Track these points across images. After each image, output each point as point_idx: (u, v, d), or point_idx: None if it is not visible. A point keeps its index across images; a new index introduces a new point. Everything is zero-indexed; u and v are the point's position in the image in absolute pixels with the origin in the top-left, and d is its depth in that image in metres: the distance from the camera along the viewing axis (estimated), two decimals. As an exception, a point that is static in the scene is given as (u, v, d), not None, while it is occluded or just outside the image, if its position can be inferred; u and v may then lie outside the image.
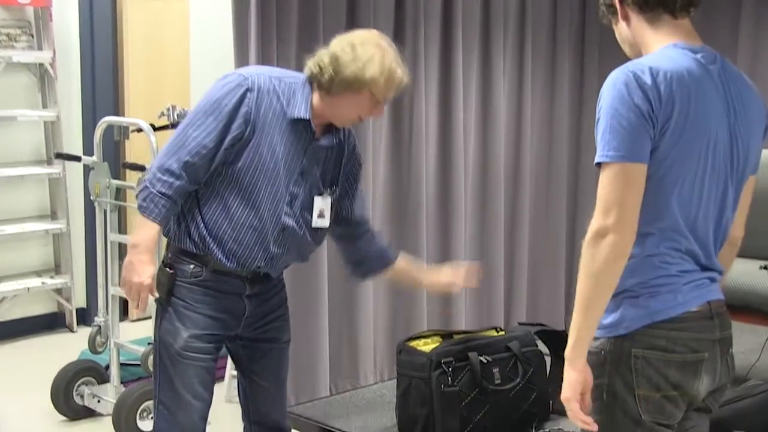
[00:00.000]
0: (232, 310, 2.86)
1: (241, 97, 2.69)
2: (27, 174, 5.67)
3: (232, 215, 2.75)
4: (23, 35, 5.63)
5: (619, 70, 2.14)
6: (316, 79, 2.75)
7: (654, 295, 2.18)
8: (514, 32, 5.31)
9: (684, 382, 2.19)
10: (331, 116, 2.80)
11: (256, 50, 4.07)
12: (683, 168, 2.15)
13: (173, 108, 4.29)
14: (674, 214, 2.16)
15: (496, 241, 5.31)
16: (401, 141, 4.79)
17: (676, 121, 2.11)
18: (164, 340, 2.82)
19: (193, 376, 2.82)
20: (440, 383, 3.77)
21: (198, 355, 2.82)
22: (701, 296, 2.21)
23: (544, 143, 5.59)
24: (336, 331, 4.61)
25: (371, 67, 2.69)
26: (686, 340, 2.17)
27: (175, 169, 2.67)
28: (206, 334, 2.82)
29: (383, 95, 2.76)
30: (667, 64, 2.14)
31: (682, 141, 2.13)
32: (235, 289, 2.84)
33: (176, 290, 2.80)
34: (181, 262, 2.80)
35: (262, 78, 2.74)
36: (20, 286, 5.62)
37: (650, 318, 2.17)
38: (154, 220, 2.70)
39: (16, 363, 5.31)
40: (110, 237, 4.28)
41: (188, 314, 2.79)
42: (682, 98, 2.12)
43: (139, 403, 4.03)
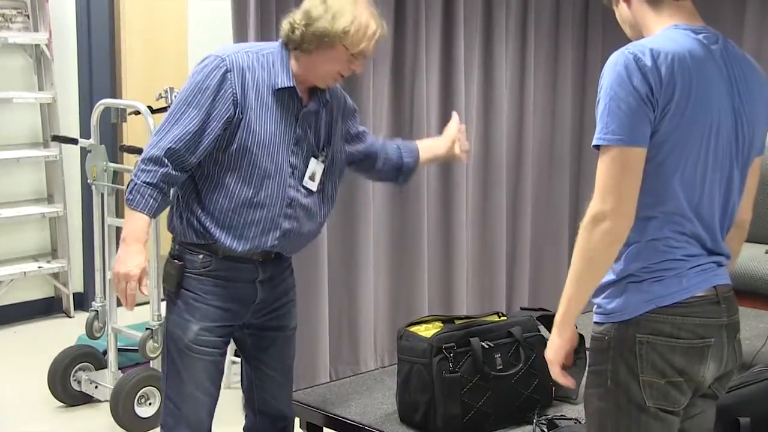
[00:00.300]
0: (242, 299, 2.82)
1: (221, 78, 2.66)
2: (23, 157, 5.65)
3: (237, 198, 2.71)
4: (19, 16, 5.59)
5: (620, 52, 2.13)
6: (290, 39, 2.72)
7: (659, 279, 2.17)
8: (517, 17, 5.28)
9: (689, 368, 2.17)
10: (312, 77, 2.77)
11: (255, 26, 4.02)
12: (685, 151, 2.14)
13: (171, 90, 4.27)
14: (677, 197, 2.15)
15: (498, 228, 5.30)
16: (402, 127, 4.77)
17: (677, 104, 2.09)
18: (173, 333, 2.79)
19: (202, 371, 2.79)
20: (441, 369, 3.75)
21: (207, 348, 2.78)
22: (707, 281, 2.20)
23: (547, 129, 5.58)
24: (336, 316, 4.60)
25: (341, 18, 2.66)
26: (692, 326, 2.16)
27: (158, 157, 2.64)
28: (216, 327, 2.78)
29: (357, 47, 2.70)
30: (668, 45, 2.13)
31: (683, 123, 2.11)
32: (247, 276, 2.80)
33: (185, 282, 2.76)
34: (189, 252, 2.76)
35: (239, 55, 2.70)
36: (16, 270, 5.61)
37: (655, 303, 2.16)
38: (141, 211, 2.66)
39: (13, 348, 5.30)
40: (107, 221, 4.26)
41: (198, 306, 2.76)
42: (683, 80, 2.11)
43: (137, 389, 4.03)
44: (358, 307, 4.67)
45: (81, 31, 5.86)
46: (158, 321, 4.06)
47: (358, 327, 4.69)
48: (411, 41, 4.68)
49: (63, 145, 5.63)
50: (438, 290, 5.05)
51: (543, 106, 5.53)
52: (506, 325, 4.05)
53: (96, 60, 5.90)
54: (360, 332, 4.70)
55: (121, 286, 2.67)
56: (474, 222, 5.23)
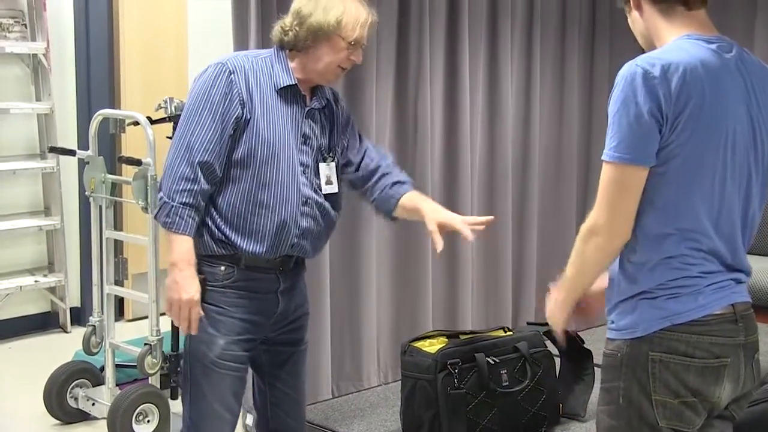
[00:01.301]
0: (265, 311, 2.80)
1: (227, 81, 2.68)
2: (20, 168, 5.60)
3: (252, 200, 2.70)
4: (16, 25, 5.56)
5: (630, 65, 2.12)
6: (283, 41, 2.76)
7: (674, 296, 2.14)
8: (522, 25, 5.27)
9: (704, 388, 2.14)
10: (313, 74, 2.79)
11: (255, 39, 4.01)
12: (701, 163, 2.11)
13: (170, 100, 4.23)
14: (695, 212, 2.12)
15: (504, 238, 5.27)
16: (406, 135, 4.74)
17: (689, 115, 2.07)
18: (197, 350, 2.74)
19: (228, 388, 2.75)
20: (446, 385, 3.73)
21: (234, 363, 2.75)
22: (725, 298, 2.16)
23: (554, 137, 5.56)
24: (338, 332, 4.57)
25: (333, 10, 2.70)
26: (707, 345, 2.12)
27: (190, 174, 2.63)
28: (242, 340, 2.75)
29: (353, 36, 2.73)
30: (679, 56, 2.11)
31: (697, 135, 2.08)
32: (268, 287, 2.79)
33: (207, 296, 2.72)
34: (210, 265, 2.73)
35: (239, 59, 2.74)
36: (12, 284, 5.55)
37: (670, 320, 2.13)
38: (183, 233, 2.65)
39: (8, 364, 5.27)
40: (106, 234, 4.22)
41: (222, 320, 2.72)
42: (695, 91, 2.08)
43: (135, 405, 3.98)
44: (361, 321, 4.63)
45: (79, 41, 5.82)
46: (157, 336, 4.00)
47: (361, 342, 4.65)
48: (415, 50, 4.65)
49: (60, 157, 5.60)
50: (442, 304, 5.02)
51: (549, 115, 5.52)
52: (512, 340, 4.01)
53: (94, 70, 5.86)
54: (363, 348, 4.66)
55: (184, 313, 2.66)
56: (479, 234, 5.17)
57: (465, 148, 4.96)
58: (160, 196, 2.66)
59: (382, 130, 4.62)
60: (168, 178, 2.65)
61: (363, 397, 4.62)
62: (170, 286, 2.67)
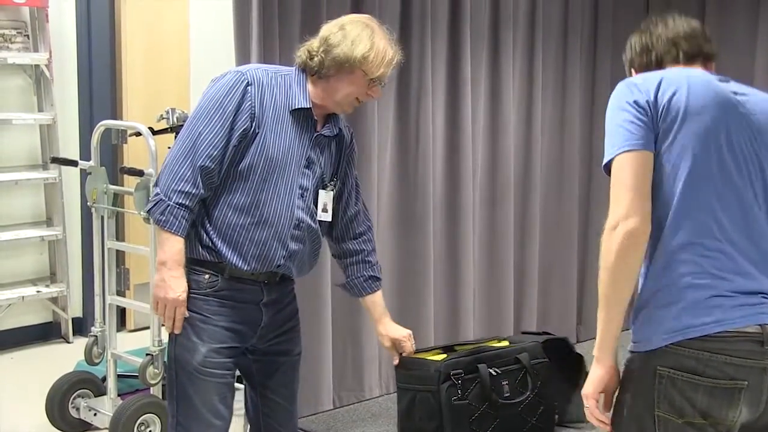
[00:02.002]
0: (249, 321, 2.78)
1: (243, 92, 2.66)
2: (22, 179, 5.59)
3: (246, 215, 2.69)
4: (19, 36, 5.55)
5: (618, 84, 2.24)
6: (307, 65, 2.75)
7: (689, 308, 2.07)
8: (524, 35, 5.27)
9: (715, 410, 2.05)
10: (329, 102, 2.78)
11: (257, 51, 4.02)
12: (696, 166, 2.11)
13: (172, 111, 4.22)
14: (709, 215, 2.10)
15: (506, 247, 5.26)
16: (408, 144, 4.73)
17: (674, 109, 2.12)
18: (181, 357, 2.74)
19: (213, 394, 2.74)
20: (450, 396, 3.69)
21: (217, 370, 2.73)
22: (750, 317, 2.07)
23: (555, 147, 5.56)
24: (340, 342, 4.56)
25: (360, 45, 2.70)
26: (720, 364, 2.04)
27: (190, 177, 2.62)
28: (225, 348, 2.74)
29: (376, 73, 2.73)
30: (665, 72, 2.21)
31: (686, 137, 2.11)
32: (252, 297, 2.77)
33: (190, 303, 2.71)
34: (194, 272, 2.72)
35: (259, 72, 2.73)
36: (14, 294, 5.53)
37: (682, 334, 2.06)
38: (176, 233, 2.63)
39: (10, 374, 5.24)
40: (107, 244, 4.21)
41: (205, 327, 2.71)
42: (680, 94, 2.12)
43: (136, 416, 3.96)
44: (363, 331, 4.62)
45: (81, 52, 5.82)
46: (159, 346, 4.00)
47: (363, 353, 4.64)
48: (416, 61, 4.65)
49: (62, 167, 5.59)
50: (444, 314, 5.01)
51: (551, 125, 5.51)
52: (514, 351, 3.99)
53: (96, 81, 5.86)
54: (364, 358, 4.65)
55: (169, 312, 2.67)
56: (481, 243, 5.19)
57: (467, 157, 4.96)
58: (157, 191, 2.65)
59: (384, 141, 4.62)
60: (168, 175, 2.64)
61: (365, 408, 4.61)
62: (158, 285, 2.67)
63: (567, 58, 5.56)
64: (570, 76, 5.58)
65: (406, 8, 4.62)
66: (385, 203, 4.65)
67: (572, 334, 5.78)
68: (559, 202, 5.61)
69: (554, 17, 5.44)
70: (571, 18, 5.54)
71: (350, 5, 4.40)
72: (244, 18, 4.02)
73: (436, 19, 4.77)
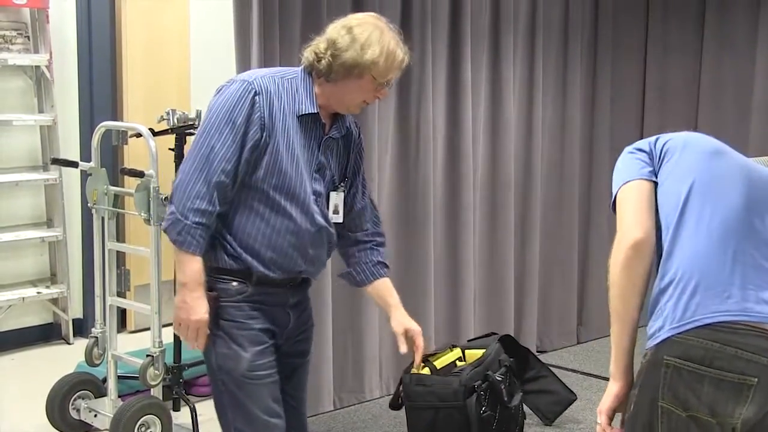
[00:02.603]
0: (278, 322, 2.77)
1: (251, 102, 2.60)
2: (22, 180, 5.58)
3: (265, 224, 2.65)
4: (19, 37, 5.55)
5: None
6: (314, 67, 2.68)
7: (699, 298, 2.05)
8: (525, 37, 5.27)
9: (721, 404, 1.98)
10: (335, 105, 2.73)
11: (258, 52, 4.01)
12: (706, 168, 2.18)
13: (173, 112, 4.21)
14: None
15: (506, 248, 5.26)
16: (408, 147, 4.73)
17: (678, 149, 2.22)
18: (224, 367, 2.68)
19: (266, 395, 2.70)
20: (477, 410, 3.66)
21: (264, 371, 2.70)
22: (766, 314, 2.02)
23: (556, 149, 5.56)
24: (340, 343, 4.55)
25: (370, 49, 2.62)
26: (730, 357, 1.98)
27: (206, 194, 2.56)
28: (266, 348, 2.71)
29: (385, 77, 2.68)
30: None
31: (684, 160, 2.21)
32: (280, 301, 2.75)
33: (223, 312, 2.67)
34: (222, 281, 2.68)
35: (265, 79, 2.65)
36: (15, 296, 5.52)
37: (691, 323, 2.03)
38: (194, 252, 2.59)
39: (11, 376, 5.23)
40: (108, 245, 4.20)
41: (243, 333, 2.67)
42: (678, 137, 2.26)
43: (137, 417, 3.95)
44: (363, 333, 4.61)
45: (82, 53, 5.81)
46: (159, 347, 3.99)
47: (363, 354, 4.63)
48: (417, 62, 4.65)
49: (63, 168, 5.57)
50: (444, 316, 5.01)
51: (551, 127, 5.51)
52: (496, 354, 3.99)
53: (97, 82, 5.85)
54: (365, 359, 4.64)
55: (192, 334, 2.64)
56: (481, 244, 5.18)
57: (467, 160, 4.96)
58: (172, 210, 2.58)
59: (385, 144, 4.62)
60: (182, 192, 2.58)
61: (365, 409, 4.60)
62: (180, 306, 2.63)
63: (567, 61, 5.56)
64: (570, 79, 5.58)
65: (407, 10, 4.61)
66: (385, 204, 4.64)
67: (573, 335, 5.79)
68: (559, 203, 5.60)
69: (555, 20, 5.44)
70: (571, 21, 5.54)
71: (350, 3, 4.40)
72: (244, 19, 4.01)
73: (437, 22, 4.76)
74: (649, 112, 6.03)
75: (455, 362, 3.99)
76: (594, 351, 5.64)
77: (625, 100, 5.94)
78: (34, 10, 5.58)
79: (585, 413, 4.51)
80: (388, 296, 3.02)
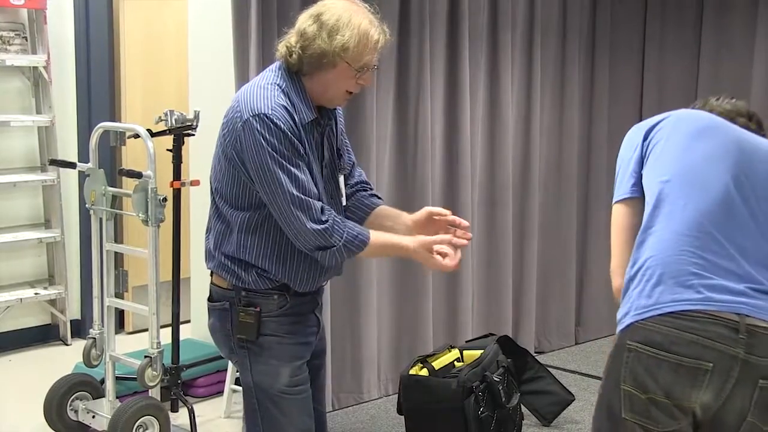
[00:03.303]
0: (311, 331, 2.74)
1: (284, 134, 2.48)
2: (20, 181, 5.57)
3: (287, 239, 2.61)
4: (17, 38, 5.54)
5: None
6: (288, 63, 2.57)
7: (663, 286, 2.13)
8: (523, 38, 5.27)
9: (677, 389, 2.07)
10: (320, 99, 2.61)
11: (256, 54, 4.01)
12: (682, 168, 2.24)
13: (170, 113, 4.20)
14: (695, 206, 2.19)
15: (505, 249, 5.26)
16: (406, 145, 4.73)
17: (667, 130, 2.30)
18: (263, 383, 2.64)
19: (302, 411, 2.68)
20: (476, 410, 3.67)
21: (301, 387, 2.68)
22: (727, 304, 2.09)
23: (554, 148, 5.55)
24: (339, 344, 4.54)
25: (338, 34, 2.48)
26: (687, 343, 2.06)
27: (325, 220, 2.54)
28: (303, 364, 2.69)
29: (360, 61, 2.53)
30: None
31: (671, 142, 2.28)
32: (310, 307, 2.73)
33: (265, 327, 2.62)
34: (262, 296, 2.62)
35: (275, 107, 2.49)
36: (13, 297, 5.52)
37: (653, 310, 2.12)
38: (368, 239, 2.61)
39: (8, 376, 5.22)
40: (106, 246, 4.19)
41: (284, 348, 2.64)
42: (671, 116, 2.32)
43: (135, 418, 3.94)
44: (361, 334, 4.61)
45: (80, 54, 5.81)
46: (157, 349, 3.98)
47: (362, 355, 4.63)
48: (415, 63, 4.65)
49: (61, 169, 5.57)
50: (443, 317, 5.00)
51: (549, 126, 5.51)
52: (494, 355, 3.99)
53: (95, 83, 5.85)
54: (363, 360, 4.63)
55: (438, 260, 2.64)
56: (480, 245, 5.18)
57: (465, 159, 4.95)
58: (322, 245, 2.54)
59: (383, 143, 4.61)
60: (309, 234, 2.52)
61: (363, 410, 4.59)
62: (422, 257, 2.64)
63: (565, 60, 5.55)
64: (568, 78, 5.57)
65: (405, 10, 4.61)
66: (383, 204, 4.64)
67: (571, 336, 5.78)
68: (557, 203, 5.60)
69: (553, 19, 5.43)
70: (569, 20, 5.54)
71: (349, 7, 4.39)
72: (242, 20, 4.01)
73: (435, 21, 4.76)
74: (647, 113, 6.02)
75: (453, 363, 4.00)
76: (592, 352, 5.64)
77: (623, 100, 5.94)
78: (32, 11, 5.58)
79: (583, 414, 4.51)
80: (395, 213, 2.89)
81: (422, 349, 4.69)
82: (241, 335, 2.62)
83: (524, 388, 4.28)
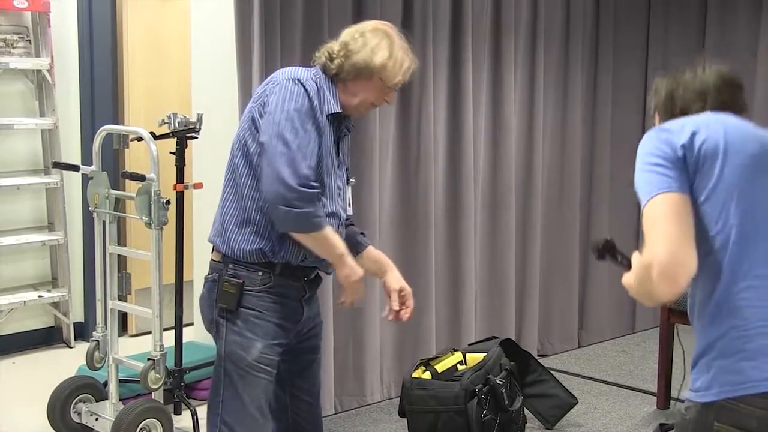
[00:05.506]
0: (292, 317, 2.87)
1: (310, 101, 2.71)
2: (24, 184, 5.58)
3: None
4: (21, 41, 5.55)
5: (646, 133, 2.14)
6: (327, 67, 2.82)
7: (753, 359, 1.91)
8: (526, 41, 5.27)
9: None
10: (347, 107, 2.84)
11: (259, 56, 4.01)
12: (748, 207, 2.00)
13: (174, 115, 4.21)
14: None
15: (507, 252, 5.25)
16: (409, 148, 4.73)
17: (718, 159, 2.00)
18: (234, 354, 2.79)
19: (262, 393, 2.81)
20: (478, 414, 3.66)
21: (268, 368, 2.81)
22: None
23: (557, 152, 5.55)
24: (342, 347, 4.54)
25: (380, 53, 2.78)
26: None
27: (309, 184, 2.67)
28: (275, 344, 2.82)
29: (393, 81, 2.83)
30: (698, 118, 2.11)
31: (729, 178, 1.99)
32: (296, 294, 2.86)
33: (245, 299, 2.78)
34: (248, 270, 2.79)
35: (309, 82, 2.74)
36: (16, 299, 5.52)
37: (744, 389, 1.90)
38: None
39: (12, 379, 5.23)
40: (109, 249, 4.19)
41: (259, 323, 2.79)
42: (717, 137, 2.02)
43: (138, 420, 3.94)
44: (364, 337, 4.61)
45: (83, 57, 5.82)
46: (160, 351, 3.98)
47: (364, 358, 4.62)
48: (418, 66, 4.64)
49: (64, 172, 5.57)
50: (445, 320, 5.00)
51: (552, 130, 5.51)
52: (497, 358, 3.99)
53: (98, 86, 5.85)
54: (366, 363, 4.63)
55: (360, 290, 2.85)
56: (482, 247, 5.17)
57: (468, 162, 4.95)
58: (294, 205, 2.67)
59: (386, 145, 4.61)
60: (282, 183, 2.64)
61: (366, 413, 4.59)
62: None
63: (568, 64, 5.55)
64: (571, 81, 5.57)
65: (408, 13, 4.62)
66: (386, 207, 4.64)
67: (574, 339, 5.78)
68: (560, 206, 5.60)
69: (555, 22, 5.43)
70: (572, 23, 5.54)
71: (351, 6, 4.40)
72: (245, 23, 4.02)
73: (438, 25, 4.76)
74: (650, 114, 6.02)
75: (456, 366, 4.00)
76: (595, 355, 5.64)
77: (626, 102, 5.94)
78: (36, 14, 5.59)
79: (586, 417, 4.51)
80: (383, 259, 3.08)
81: (425, 352, 4.69)
82: (222, 304, 2.78)
83: (527, 392, 4.28)
